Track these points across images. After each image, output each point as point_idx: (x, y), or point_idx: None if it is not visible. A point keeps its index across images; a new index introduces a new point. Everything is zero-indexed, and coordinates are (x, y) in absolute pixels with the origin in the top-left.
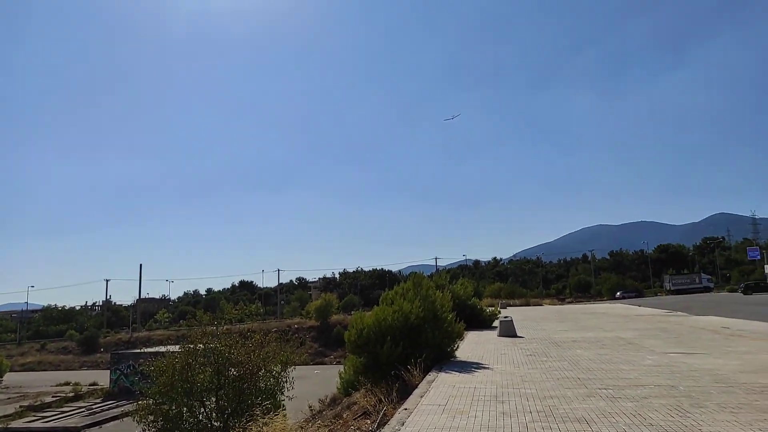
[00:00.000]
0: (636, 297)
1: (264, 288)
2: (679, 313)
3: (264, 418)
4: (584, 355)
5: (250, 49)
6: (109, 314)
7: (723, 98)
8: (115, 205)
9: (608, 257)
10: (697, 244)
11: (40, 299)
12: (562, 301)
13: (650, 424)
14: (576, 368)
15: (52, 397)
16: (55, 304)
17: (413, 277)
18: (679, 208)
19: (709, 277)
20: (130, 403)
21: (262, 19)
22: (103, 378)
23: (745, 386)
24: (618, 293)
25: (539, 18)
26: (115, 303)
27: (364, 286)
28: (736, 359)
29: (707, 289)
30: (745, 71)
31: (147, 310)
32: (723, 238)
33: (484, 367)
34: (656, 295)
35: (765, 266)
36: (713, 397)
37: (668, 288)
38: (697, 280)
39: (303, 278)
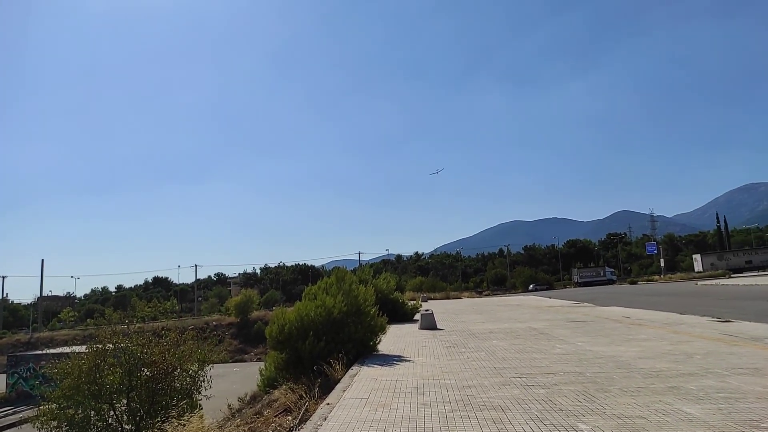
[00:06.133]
0: (547, 289)
1: (180, 284)
2: (585, 304)
3: (180, 419)
4: (500, 345)
5: (168, 34)
6: (6, 314)
7: (627, 102)
8: (11, 194)
9: (522, 252)
10: (602, 239)
11: None
12: (480, 294)
13: (560, 409)
14: (492, 358)
15: None
16: None
17: (336, 272)
18: (587, 205)
19: (613, 270)
20: (30, 408)
21: (183, 5)
22: None
23: (643, 371)
24: (531, 286)
25: (454, 19)
26: (12, 301)
27: (286, 282)
28: (636, 346)
29: (611, 282)
30: (645, 77)
31: (49, 308)
32: (625, 234)
33: (406, 360)
34: (565, 288)
35: (660, 260)
36: (616, 382)
37: (576, 280)
38: (602, 273)
39: (222, 274)
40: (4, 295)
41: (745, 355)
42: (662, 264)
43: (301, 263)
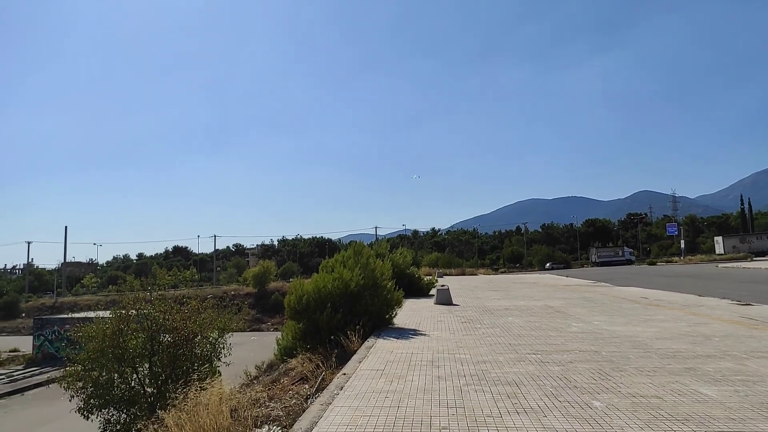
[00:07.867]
0: (564, 268)
1: (199, 254)
2: (602, 283)
3: (200, 384)
4: (515, 322)
5: (185, 7)
6: (31, 278)
7: (650, 81)
8: (36, 161)
9: (540, 230)
10: (622, 219)
11: None
12: (496, 271)
13: (575, 386)
14: (508, 334)
15: None
16: None
17: (354, 246)
18: (607, 184)
19: (631, 250)
20: (56, 369)
21: None
22: (24, 344)
23: (660, 351)
24: (548, 264)
25: None
26: (37, 266)
27: (303, 254)
28: (653, 327)
29: (629, 262)
30: (671, 57)
31: (73, 274)
32: (645, 214)
33: (421, 334)
34: (582, 267)
35: (681, 241)
36: (632, 361)
37: (594, 260)
38: (620, 253)
39: (240, 245)
40: (30, 260)
41: (765, 338)
42: (682, 245)
43: (318, 236)
